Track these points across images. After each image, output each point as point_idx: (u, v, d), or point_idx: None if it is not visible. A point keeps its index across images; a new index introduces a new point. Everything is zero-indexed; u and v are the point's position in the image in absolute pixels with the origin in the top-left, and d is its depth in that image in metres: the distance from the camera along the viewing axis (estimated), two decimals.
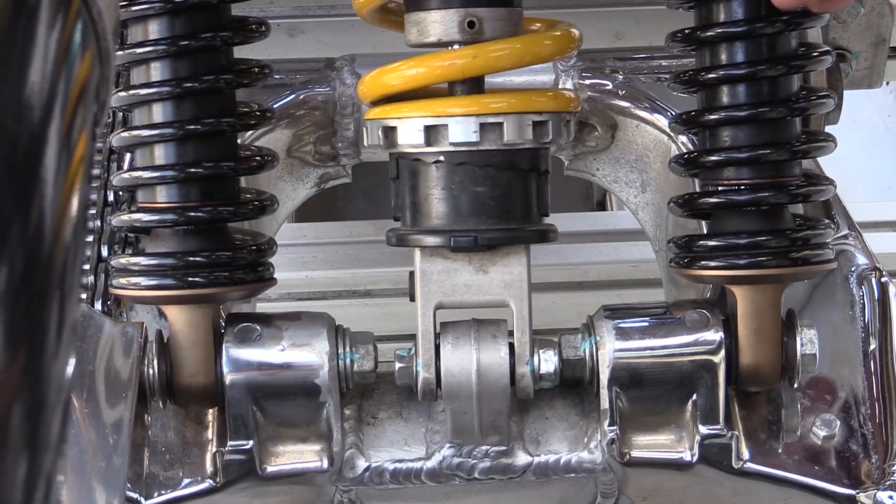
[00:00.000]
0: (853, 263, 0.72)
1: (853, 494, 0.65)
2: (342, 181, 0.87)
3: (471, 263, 0.68)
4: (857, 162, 0.78)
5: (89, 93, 0.59)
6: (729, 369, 0.67)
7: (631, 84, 0.81)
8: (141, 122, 0.69)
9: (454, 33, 0.64)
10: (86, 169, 0.58)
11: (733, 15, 0.65)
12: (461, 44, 0.64)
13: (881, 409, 0.68)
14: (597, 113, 0.80)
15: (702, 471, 0.68)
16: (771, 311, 0.68)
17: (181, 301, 0.68)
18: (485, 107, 0.64)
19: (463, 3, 0.64)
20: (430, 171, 0.66)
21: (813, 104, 0.68)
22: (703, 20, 0.68)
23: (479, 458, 0.68)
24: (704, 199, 0.69)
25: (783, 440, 0.68)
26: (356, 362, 0.68)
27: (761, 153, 0.66)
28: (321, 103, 0.82)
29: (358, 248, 1.13)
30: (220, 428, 0.68)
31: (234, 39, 0.70)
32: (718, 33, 0.67)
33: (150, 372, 0.67)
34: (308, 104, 0.81)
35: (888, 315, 0.70)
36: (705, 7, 0.67)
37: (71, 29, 0.57)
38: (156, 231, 0.69)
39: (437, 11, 0.64)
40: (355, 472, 0.69)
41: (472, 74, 0.65)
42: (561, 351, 0.67)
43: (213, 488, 0.67)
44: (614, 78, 0.81)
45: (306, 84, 0.82)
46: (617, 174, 0.83)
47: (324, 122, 0.82)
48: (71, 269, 0.55)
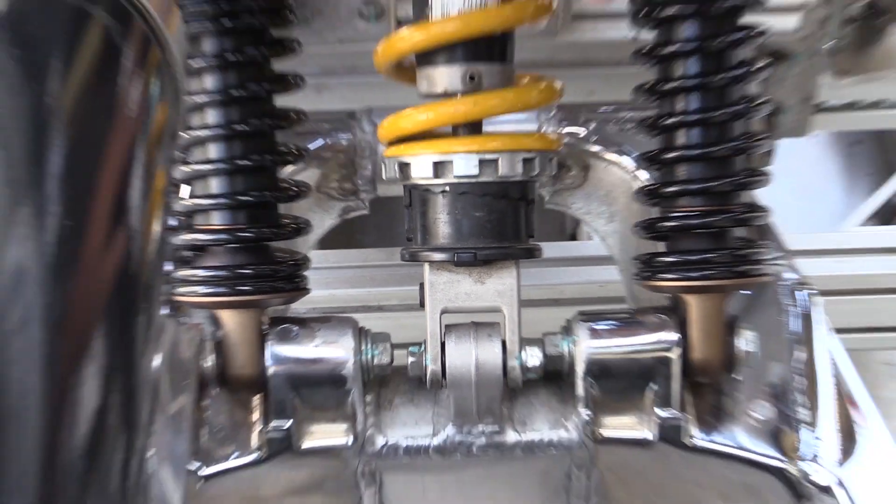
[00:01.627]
0: (784, 278, 0.73)
1: (782, 466, 0.68)
2: (361, 213, 0.91)
3: (471, 276, 0.71)
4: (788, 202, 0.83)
5: (167, 134, 0.59)
6: (683, 363, 0.70)
7: (601, 132, 0.84)
8: (199, 159, 0.73)
9: (457, 85, 0.67)
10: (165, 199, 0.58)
11: (688, 71, 0.69)
12: (463, 93, 0.68)
13: (805, 398, 0.69)
14: (572, 156, 0.83)
15: (660, 447, 0.71)
16: (717, 316, 0.71)
17: (232, 306, 0.71)
18: (483, 146, 0.68)
19: (465, 60, 0.67)
20: (437, 199, 0.70)
21: (753, 145, 0.71)
22: (663, 75, 0.71)
23: (477, 436, 0.72)
24: (663, 223, 0.72)
25: (726, 422, 0.72)
26: (376, 357, 0.71)
27: (710, 185, 0.70)
28: (344, 147, 0.86)
29: (372, 271, 1.16)
30: (264, 410, 0.71)
31: (275, 90, 0.75)
32: (675, 86, 0.70)
33: (207, 365, 0.70)
34: (333, 148, 0.86)
35: (810, 323, 0.72)
36: (664, 64, 0.71)
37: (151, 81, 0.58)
38: (210, 248, 0.72)
39: (443, 66, 0.68)
40: (375, 447, 0.72)
41: (473, 119, 0.69)
42: (544, 348, 0.71)
43: (257, 461, 0.70)
44: (588, 126, 0.83)
45: (332, 131, 0.86)
46: (589, 207, 0.86)
47: (346, 163, 0.86)
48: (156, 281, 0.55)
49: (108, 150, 0.54)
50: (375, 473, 0.76)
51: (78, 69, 0.56)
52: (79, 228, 0.49)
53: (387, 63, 0.71)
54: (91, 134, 0.54)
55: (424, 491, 0.80)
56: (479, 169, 0.67)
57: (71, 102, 0.54)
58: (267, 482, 0.74)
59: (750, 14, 0.70)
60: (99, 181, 0.52)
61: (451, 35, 0.68)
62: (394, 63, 0.71)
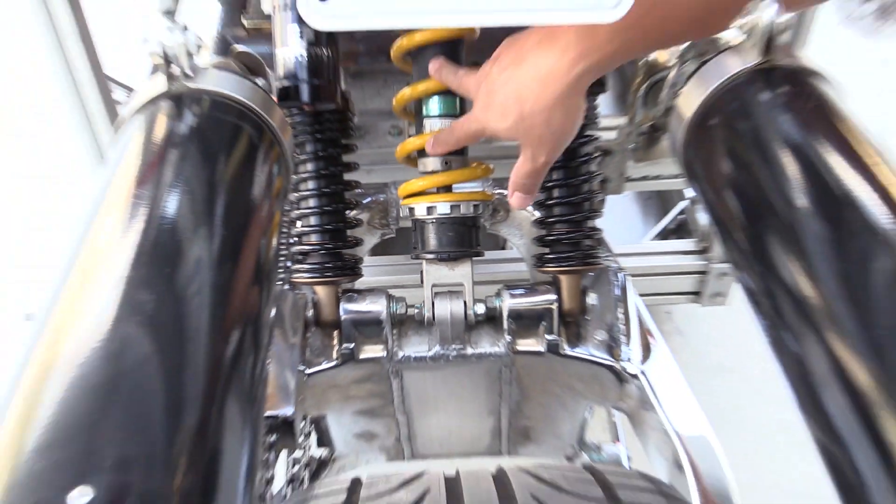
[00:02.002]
0: (612, 266, 0.85)
1: (612, 364, 0.82)
2: (390, 236, 1.01)
3: (447, 266, 0.84)
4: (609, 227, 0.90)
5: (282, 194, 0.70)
6: (558, 311, 0.83)
7: None
8: (303, 206, 0.86)
9: (438, 167, 0.81)
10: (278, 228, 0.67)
11: None
12: (441, 172, 0.81)
13: (626, 330, 0.81)
14: (500, 203, 0.96)
15: (547, 355, 0.83)
16: (576, 286, 0.85)
17: (322, 284, 0.84)
18: (453, 198, 0.81)
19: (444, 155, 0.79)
20: (429, 226, 0.83)
21: (593, 197, 0.85)
22: None
23: (451, 351, 0.84)
24: (546, 237, 0.85)
25: (582, 341, 0.84)
26: (398, 310, 0.83)
27: (571, 217, 0.84)
28: (381, 201, 0.98)
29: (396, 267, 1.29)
30: (339, 339, 0.83)
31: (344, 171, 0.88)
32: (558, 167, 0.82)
33: (309, 315, 0.83)
34: (375, 201, 0.98)
35: (625, 290, 0.82)
36: None
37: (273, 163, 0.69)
38: (311, 253, 0.85)
39: (431, 158, 0.81)
40: (398, 357, 0.83)
41: (447, 184, 0.81)
42: (486, 304, 0.83)
43: (336, 365, 0.82)
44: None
45: (375, 193, 0.98)
46: (510, 231, 0.98)
47: (382, 209, 0.99)
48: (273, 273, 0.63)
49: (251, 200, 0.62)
50: (399, 371, 0.87)
51: (235, 158, 0.64)
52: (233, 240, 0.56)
53: (403, 155, 0.84)
54: (242, 192, 0.62)
55: (425, 381, 0.90)
56: (451, 210, 0.81)
57: (232, 174, 0.62)
58: (340, 377, 0.84)
59: (591, 130, 0.85)
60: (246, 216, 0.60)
61: None
62: (405, 156, 0.84)
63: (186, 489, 0.38)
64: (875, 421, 0.44)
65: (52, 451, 0.36)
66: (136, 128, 0.63)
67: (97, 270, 0.49)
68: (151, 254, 0.50)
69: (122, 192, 0.55)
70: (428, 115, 0.80)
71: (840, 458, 0.47)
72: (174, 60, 0.65)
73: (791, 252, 0.56)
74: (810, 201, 0.57)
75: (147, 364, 0.42)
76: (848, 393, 0.47)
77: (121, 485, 0.35)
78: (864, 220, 0.53)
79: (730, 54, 0.71)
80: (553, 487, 0.56)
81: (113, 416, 0.38)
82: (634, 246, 1.39)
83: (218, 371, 0.46)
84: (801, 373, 0.51)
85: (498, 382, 0.89)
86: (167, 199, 0.54)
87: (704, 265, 1.35)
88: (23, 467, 0.35)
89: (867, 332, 0.47)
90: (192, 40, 0.65)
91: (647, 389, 0.76)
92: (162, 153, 0.59)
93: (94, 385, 0.40)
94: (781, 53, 0.68)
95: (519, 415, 0.94)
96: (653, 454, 0.76)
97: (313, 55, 0.78)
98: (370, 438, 0.98)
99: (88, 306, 0.46)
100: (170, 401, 0.41)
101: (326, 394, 0.84)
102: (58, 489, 0.34)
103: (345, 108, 0.86)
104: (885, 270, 0.49)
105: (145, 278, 0.48)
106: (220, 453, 0.42)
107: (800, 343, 0.52)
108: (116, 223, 0.53)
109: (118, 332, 0.43)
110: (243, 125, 0.66)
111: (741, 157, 0.64)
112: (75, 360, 0.41)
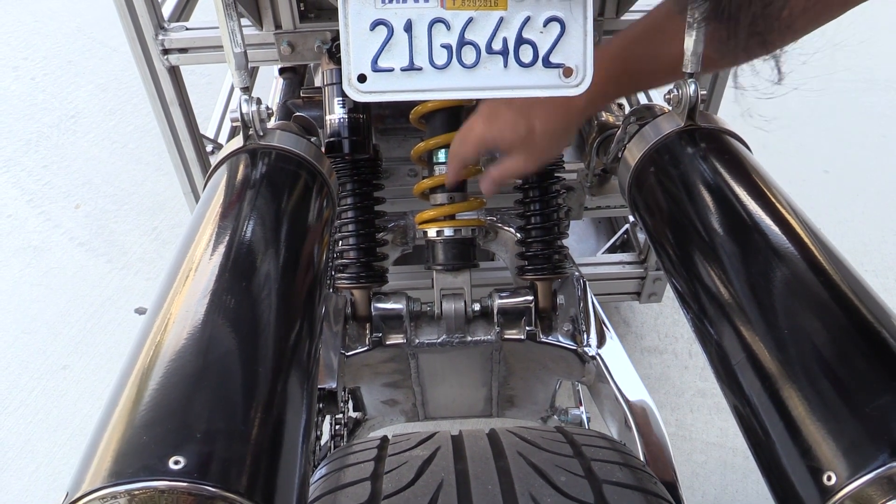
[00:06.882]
0: (575, 274, 0.85)
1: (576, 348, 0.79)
2: (408, 251, 1.01)
3: (451, 274, 0.82)
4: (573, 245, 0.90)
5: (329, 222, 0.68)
6: (534, 308, 0.81)
7: (502, 218, 0.95)
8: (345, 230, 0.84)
9: (445, 200, 0.80)
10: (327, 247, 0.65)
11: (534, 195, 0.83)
12: (447, 203, 0.80)
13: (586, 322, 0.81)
14: (491, 227, 0.95)
15: (527, 342, 0.82)
16: (548, 289, 0.83)
17: (358, 288, 0.83)
18: (456, 224, 0.80)
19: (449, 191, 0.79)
20: (438, 244, 0.82)
21: (562, 221, 0.85)
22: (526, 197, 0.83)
23: (455, 338, 0.82)
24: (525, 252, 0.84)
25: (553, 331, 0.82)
26: (414, 307, 0.82)
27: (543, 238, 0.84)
28: (402, 225, 0.99)
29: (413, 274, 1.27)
30: (370, 330, 0.82)
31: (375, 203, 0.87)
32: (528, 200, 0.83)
33: (348, 311, 0.82)
34: (398, 225, 0.98)
35: (585, 292, 0.83)
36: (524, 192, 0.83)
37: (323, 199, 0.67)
38: (349, 264, 0.84)
39: (440, 192, 0.80)
40: (414, 343, 0.82)
41: (451, 213, 0.80)
42: (482, 302, 0.82)
43: (367, 349, 0.82)
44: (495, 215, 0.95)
45: (398, 218, 0.98)
46: (497, 248, 0.97)
47: (402, 232, 0.99)
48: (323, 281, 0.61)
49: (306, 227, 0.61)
50: (415, 354, 0.86)
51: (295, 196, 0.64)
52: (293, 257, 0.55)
53: (418, 192, 0.83)
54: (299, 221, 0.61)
55: (435, 361, 0.89)
56: (454, 233, 0.80)
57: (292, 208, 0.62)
58: (371, 358, 0.83)
59: (558, 172, 0.84)
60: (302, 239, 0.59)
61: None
62: (420, 192, 0.83)
63: (257, 453, 0.37)
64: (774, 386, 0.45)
65: (154, 427, 0.36)
66: (223, 174, 0.64)
67: (192, 281, 0.49)
68: (233, 269, 0.50)
69: (211, 221, 0.56)
70: (437, 161, 0.81)
71: (748, 415, 0.47)
72: (250, 124, 0.66)
73: (709, 262, 0.57)
74: (723, 226, 0.58)
75: (229, 355, 0.42)
76: (753, 366, 0.47)
77: (207, 453, 0.35)
78: (763, 239, 0.55)
79: (663, 119, 0.72)
80: (533, 446, 0.56)
81: (201, 398, 0.38)
82: (590, 258, 1.39)
83: (283, 356, 0.45)
84: (717, 352, 0.52)
85: (490, 362, 0.89)
86: (245, 227, 0.54)
87: (643, 272, 1.33)
88: (132, 440, 0.36)
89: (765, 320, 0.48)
90: (263, 109, 0.66)
91: (602, 367, 0.76)
92: (241, 193, 0.60)
93: (188, 374, 0.40)
94: (702, 118, 0.69)
95: (505, 386, 0.94)
96: (607, 417, 0.76)
97: (352, 118, 0.80)
98: (393, 404, 0.97)
99: (184, 310, 0.46)
100: (246, 384, 0.41)
101: (360, 371, 0.84)
102: (159, 457, 0.34)
103: (375, 156, 0.86)
104: (778, 276, 0.51)
105: (227, 287, 0.48)
106: (284, 420, 0.41)
107: (716, 329, 0.53)
108: (208, 245, 0.53)
109: (206, 331, 0.43)
110: (300, 172, 0.66)
111: (672, 194, 0.66)
112: (172, 353, 0.41)
